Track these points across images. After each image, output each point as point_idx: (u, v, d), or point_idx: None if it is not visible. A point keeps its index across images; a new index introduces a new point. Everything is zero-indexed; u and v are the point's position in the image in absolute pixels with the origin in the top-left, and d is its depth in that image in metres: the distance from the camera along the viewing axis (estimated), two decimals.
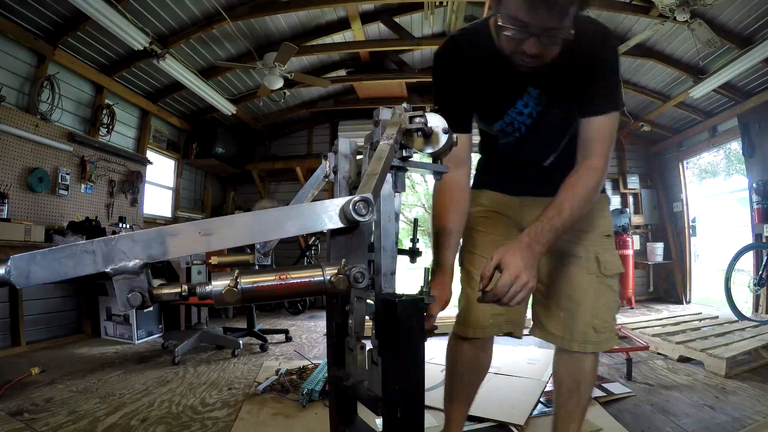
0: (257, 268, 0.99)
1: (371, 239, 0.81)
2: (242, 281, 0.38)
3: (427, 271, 0.84)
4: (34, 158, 3.31)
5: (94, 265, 0.36)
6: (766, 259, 4.22)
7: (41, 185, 3.33)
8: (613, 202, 5.63)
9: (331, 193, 0.99)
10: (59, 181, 3.51)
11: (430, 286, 0.82)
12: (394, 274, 0.76)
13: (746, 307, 4.39)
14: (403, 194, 0.82)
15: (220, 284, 0.37)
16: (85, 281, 3.66)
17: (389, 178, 0.77)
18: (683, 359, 2.70)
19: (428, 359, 0.79)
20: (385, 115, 0.79)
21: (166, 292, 0.39)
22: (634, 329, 3.19)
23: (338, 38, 4.29)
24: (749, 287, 4.47)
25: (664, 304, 5.56)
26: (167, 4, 3.35)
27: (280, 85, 4.05)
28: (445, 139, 0.76)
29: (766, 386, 2.19)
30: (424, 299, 0.70)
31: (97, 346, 3.34)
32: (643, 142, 6.07)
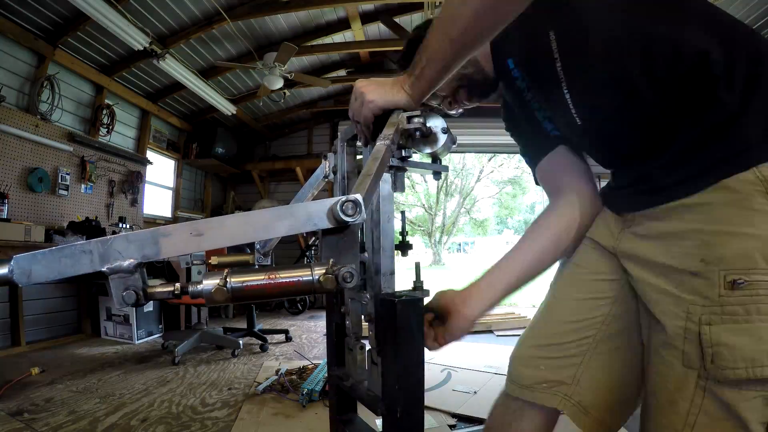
0: (257, 267, 1.00)
1: (363, 239, 0.81)
2: (232, 280, 0.38)
3: (418, 265, 0.83)
4: (34, 158, 3.31)
5: (91, 264, 0.38)
6: None
7: (41, 185, 3.33)
8: None
9: (331, 192, 0.99)
10: (59, 181, 3.51)
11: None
12: (393, 273, 0.77)
13: None
14: (403, 194, 0.82)
15: (210, 283, 0.38)
16: (85, 281, 3.66)
17: (389, 177, 0.77)
18: None
19: (428, 359, 0.79)
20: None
21: (159, 290, 0.40)
22: None
23: (338, 38, 4.29)
24: None
25: None
26: (167, 4, 3.35)
27: (280, 85, 4.05)
28: (444, 139, 0.76)
29: None
30: (423, 299, 0.70)
31: (97, 346, 3.34)
32: None
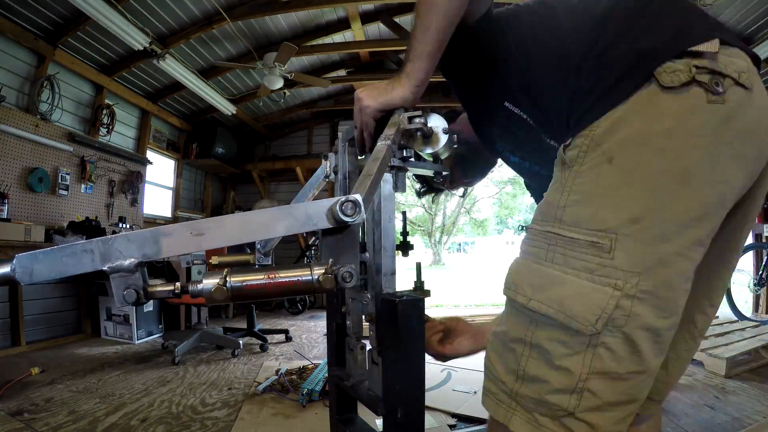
0: (257, 267, 1.00)
1: (365, 239, 0.81)
2: (232, 280, 0.38)
3: (419, 265, 0.83)
4: (34, 158, 3.31)
5: (92, 263, 0.38)
6: (766, 259, 4.23)
7: (41, 185, 3.33)
8: None
9: (331, 193, 0.99)
10: (59, 181, 3.51)
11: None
12: (394, 273, 0.77)
13: (746, 307, 4.39)
14: (402, 194, 0.82)
15: (210, 282, 0.38)
16: (85, 281, 3.66)
17: (390, 178, 0.77)
18: None
19: (429, 359, 0.79)
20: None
21: (160, 289, 0.40)
22: None
23: (338, 38, 4.29)
24: (749, 287, 4.48)
25: None
26: (167, 4, 3.35)
27: (280, 85, 4.05)
28: (445, 139, 0.76)
29: (766, 386, 2.19)
30: (424, 300, 0.70)
31: (97, 346, 3.34)
32: None
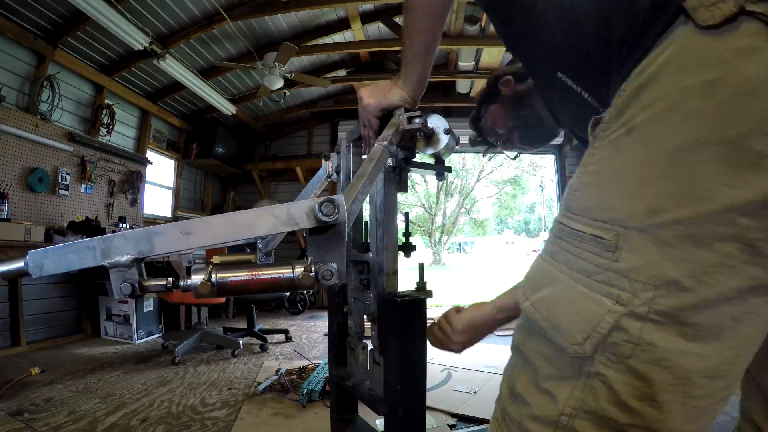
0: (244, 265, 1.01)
1: (368, 239, 0.81)
2: (216, 275, 0.41)
3: (421, 266, 0.83)
4: (34, 158, 3.31)
5: (94, 259, 0.42)
6: None
7: (41, 185, 3.33)
8: None
9: (332, 193, 0.99)
10: (59, 181, 3.51)
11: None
12: (396, 273, 0.77)
13: None
14: (403, 194, 0.82)
15: (197, 278, 0.41)
16: (84, 281, 3.67)
17: (392, 177, 0.77)
18: None
19: (429, 359, 0.79)
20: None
21: (153, 283, 0.44)
22: None
23: (338, 38, 4.29)
24: None
25: None
26: (167, 4, 3.35)
27: (280, 85, 4.05)
28: (446, 140, 0.76)
29: None
30: (425, 300, 0.70)
31: (97, 346, 3.34)
32: None
